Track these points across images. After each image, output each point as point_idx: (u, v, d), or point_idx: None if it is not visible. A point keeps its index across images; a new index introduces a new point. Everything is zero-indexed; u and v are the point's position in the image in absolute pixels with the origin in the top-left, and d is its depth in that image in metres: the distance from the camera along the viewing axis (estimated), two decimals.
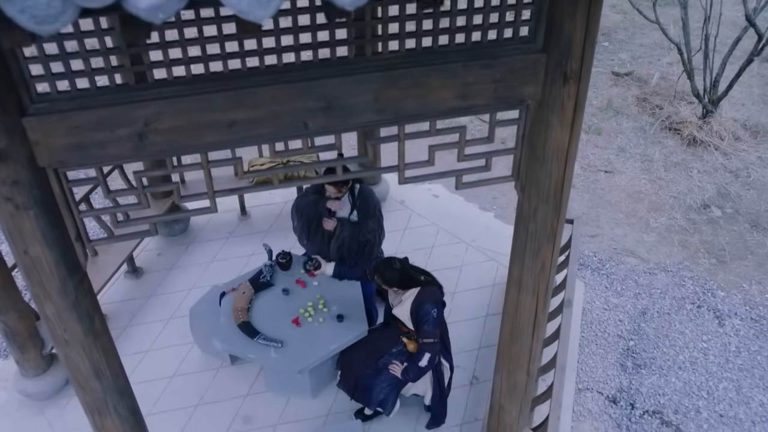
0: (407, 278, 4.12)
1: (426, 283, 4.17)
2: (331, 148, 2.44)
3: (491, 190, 7.34)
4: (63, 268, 2.35)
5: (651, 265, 6.42)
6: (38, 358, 4.62)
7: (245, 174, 2.37)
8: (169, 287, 5.68)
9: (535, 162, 2.65)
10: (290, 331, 4.38)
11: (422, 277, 4.18)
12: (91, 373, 2.68)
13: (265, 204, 6.52)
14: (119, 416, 2.90)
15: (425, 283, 4.16)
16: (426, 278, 4.20)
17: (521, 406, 3.56)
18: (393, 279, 4.09)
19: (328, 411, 4.68)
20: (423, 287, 4.13)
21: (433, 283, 4.21)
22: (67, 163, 2.19)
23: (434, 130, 2.49)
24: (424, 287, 4.14)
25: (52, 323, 2.49)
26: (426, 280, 4.18)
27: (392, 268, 4.09)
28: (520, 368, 3.35)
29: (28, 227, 2.21)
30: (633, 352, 5.56)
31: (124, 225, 2.39)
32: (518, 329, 3.19)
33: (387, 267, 4.12)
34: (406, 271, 4.13)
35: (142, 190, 2.31)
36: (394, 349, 4.36)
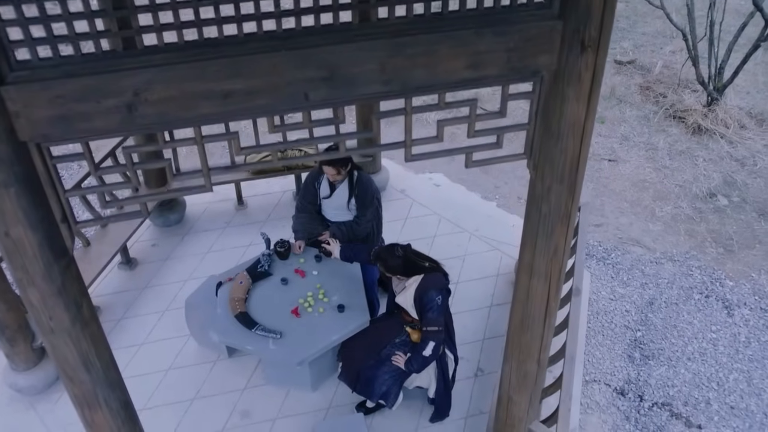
0: (411, 265, 3.97)
1: (430, 269, 4.02)
2: (332, 122, 2.28)
3: (494, 179, 7.20)
4: (47, 252, 2.20)
5: (657, 255, 6.28)
6: (28, 351, 4.47)
7: (242, 150, 2.21)
8: (164, 278, 5.52)
9: (550, 138, 2.50)
10: (289, 322, 4.23)
11: (426, 263, 4.04)
12: (79, 363, 2.53)
13: (262, 194, 6.36)
14: (110, 410, 2.75)
15: (429, 269, 4.02)
16: (430, 264, 4.05)
17: (531, 398, 3.42)
18: (396, 266, 3.95)
19: (329, 404, 4.54)
20: (427, 274, 3.99)
21: (437, 270, 4.06)
22: (51, 137, 2.03)
23: (443, 103, 2.33)
24: (428, 274, 3.99)
25: (36, 310, 2.34)
26: (430, 266, 4.04)
27: (394, 255, 3.95)
28: (531, 358, 3.21)
29: (9, 207, 2.05)
30: (641, 343, 5.42)
31: (113, 205, 2.23)
32: (529, 317, 3.04)
33: (389, 254, 3.97)
34: (410, 257, 3.98)
35: (131, 167, 2.16)
36: (397, 339, 4.22)
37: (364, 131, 2.31)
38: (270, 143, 2.28)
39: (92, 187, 2.20)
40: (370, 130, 2.30)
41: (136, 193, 2.19)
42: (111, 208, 2.25)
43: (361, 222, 4.65)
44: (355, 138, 2.37)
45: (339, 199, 4.65)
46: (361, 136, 2.36)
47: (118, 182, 2.19)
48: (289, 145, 2.31)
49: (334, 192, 4.65)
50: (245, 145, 2.23)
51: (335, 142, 2.30)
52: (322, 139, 2.34)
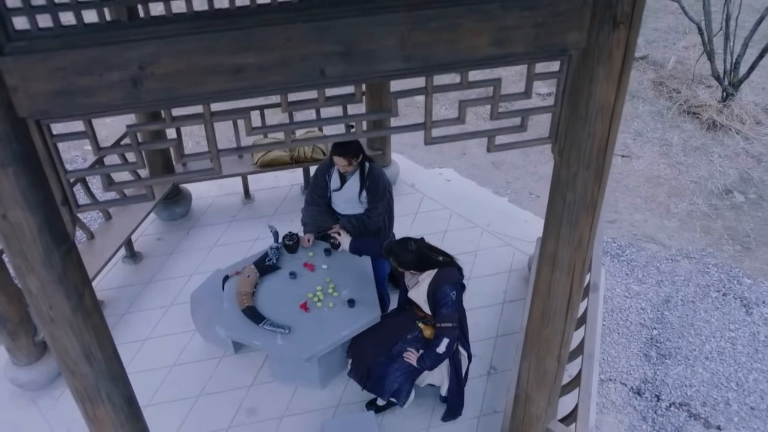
0: (424, 260, 3.84)
1: (444, 264, 3.89)
2: (348, 100, 2.16)
3: (505, 175, 7.06)
4: (47, 236, 2.08)
5: (673, 252, 6.14)
6: (30, 346, 4.36)
7: (254, 130, 2.09)
8: (169, 273, 5.41)
9: (577, 121, 2.37)
10: (298, 317, 4.10)
11: (440, 257, 3.90)
12: (80, 355, 2.41)
13: (269, 187, 6.25)
14: (113, 405, 2.63)
15: (443, 264, 3.89)
16: (444, 258, 3.92)
17: (550, 396, 3.29)
18: (409, 261, 3.82)
19: (338, 402, 4.42)
20: (441, 268, 3.86)
21: (451, 264, 3.93)
22: (51, 113, 1.91)
23: (466, 82, 2.20)
24: (441, 268, 3.86)
25: (35, 299, 2.22)
26: (444, 260, 3.91)
27: (408, 249, 3.81)
28: (551, 354, 3.07)
29: (7, 187, 1.93)
30: (657, 342, 5.28)
31: (116, 188, 2.11)
32: (550, 311, 2.91)
33: (402, 248, 3.84)
34: (423, 251, 3.85)
35: (136, 147, 2.03)
36: (409, 335, 4.09)
37: (382, 111, 2.18)
38: (284, 123, 2.15)
39: (95, 169, 2.07)
40: (388, 110, 2.17)
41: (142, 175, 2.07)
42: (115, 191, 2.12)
43: (372, 215, 4.53)
44: (373, 118, 2.23)
45: (350, 192, 4.53)
46: (380, 116, 2.23)
47: (125, 164, 2.07)
48: (302, 125, 2.18)
49: (345, 184, 4.53)
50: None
51: (351, 122, 2.17)
52: (337, 119, 2.21)
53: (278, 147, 2.14)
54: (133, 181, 2.12)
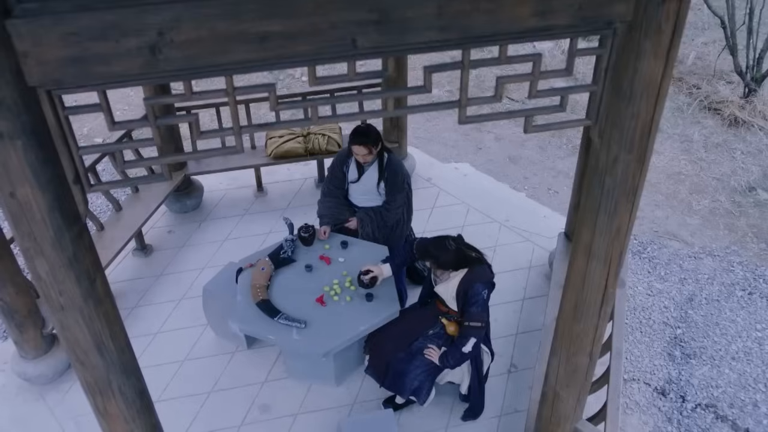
0: (462, 258, 3.70)
1: (476, 260, 3.75)
2: (379, 74, 2.02)
3: (522, 170, 6.91)
4: (58, 216, 1.95)
5: (696, 249, 5.98)
6: (38, 339, 4.24)
7: (278, 105, 1.95)
8: (181, 266, 5.28)
9: (620, 100, 2.22)
10: (314, 311, 3.97)
11: (473, 254, 3.77)
12: (91, 345, 2.28)
13: (283, 180, 6.12)
14: (124, 398, 2.50)
15: (476, 261, 3.75)
16: (476, 255, 3.78)
17: (579, 394, 3.14)
18: (448, 261, 3.68)
19: (354, 399, 4.28)
20: (473, 266, 3.72)
21: (482, 261, 3.79)
22: (63, 83, 1.78)
23: (504, 57, 2.06)
24: (474, 266, 3.72)
25: (45, 284, 2.09)
26: (476, 257, 3.77)
27: (447, 249, 3.66)
28: (582, 350, 2.93)
29: (16, 162, 1.81)
30: (681, 341, 5.12)
31: (133, 165, 1.98)
32: (583, 305, 2.76)
33: (441, 249, 3.68)
34: (461, 250, 3.71)
35: (153, 123, 1.90)
36: (431, 331, 3.95)
37: (416, 87, 2.04)
38: (310, 99, 2.01)
39: (108, 145, 1.94)
40: (422, 86, 2.03)
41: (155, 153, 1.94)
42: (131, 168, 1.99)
43: (390, 207, 4.39)
44: (405, 94, 2.09)
45: (368, 183, 4.39)
46: (412, 92, 2.08)
47: (140, 140, 1.93)
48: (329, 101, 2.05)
49: (363, 176, 4.39)
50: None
51: (384, 97, 2.03)
52: (368, 96, 2.07)
53: (303, 125, 2.00)
54: (148, 159, 1.99)
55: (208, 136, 1.96)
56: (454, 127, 7.61)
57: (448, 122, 7.69)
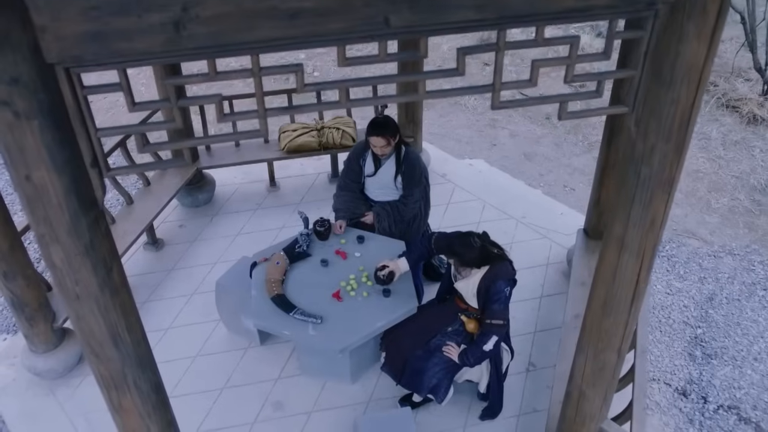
0: (486, 255, 3.61)
1: (499, 257, 3.66)
2: (410, 56, 1.93)
3: (538, 167, 6.81)
4: (75, 201, 1.87)
5: (715, 248, 5.86)
6: (48, 332, 4.17)
7: (305, 88, 1.86)
8: (192, 260, 5.21)
9: (659, 86, 2.13)
10: (330, 307, 3.88)
11: (496, 250, 3.68)
12: (107, 337, 2.20)
13: (295, 175, 6.03)
14: (140, 393, 2.42)
15: (498, 257, 3.66)
16: (498, 251, 3.69)
17: (606, 393, 3.04)
18: (473, 259, 3.58)
19: (369, 397, 4.19)
20: (495, 262, 3.63)
21: (504, 258, 3.70)
22: (83, 60, 1.69)
23: (542, 38, 1.97)
24: (496, 262, 3.63)
25: (60, 272, 2.01)
26: (498, 253, 3.68)
27: (472, 246, 3.56)
28: (611, 347, 2.83)
29: (32, 143, 1.72)
30: (702, 341, 5.01)
31: (152, 149, 1.89)
32: (613, 299, 2.67)
33: (466, 247, 3.58)
34: (486, 248, 3.61)
35: (175, 104, 1.81)
36: (449, 328, 3.86)
37: (449, 70, 1.95)
38: (340, 80, 1.92)
39: (128, 127, 1.86)
40: (455, 69, 1.94)
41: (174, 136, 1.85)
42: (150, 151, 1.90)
43: (408, 202, 4.30)
44: (437, 77, 2.00)
45: (385, 177, 4.30)
46: (445, 75, 1.99)
47: (159, 122, 1.85)
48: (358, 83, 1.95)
49: (380, 169, 4.30)
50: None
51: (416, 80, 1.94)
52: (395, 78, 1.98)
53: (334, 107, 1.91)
54: (170, 142, 1.90)
55: (232, 119, 1.88)
56: (468, 124, 7.51)
57: (461, 119, 7.59)
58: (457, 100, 7.83)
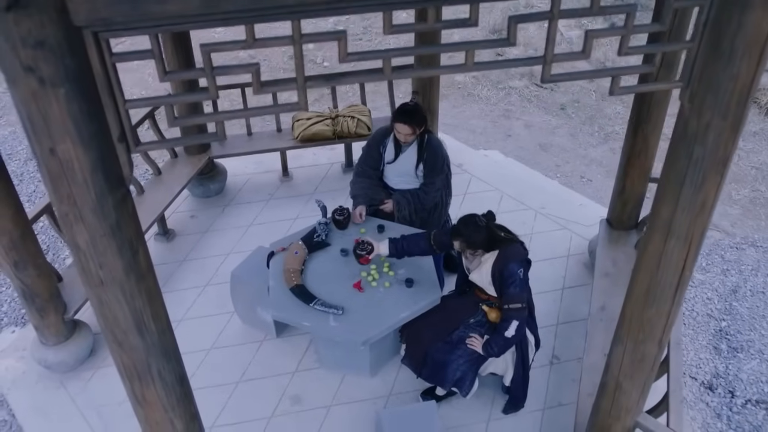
0: (493, 237, 3.49)
1: (507, 240, 3.54)
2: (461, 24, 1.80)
3: (554, 158, 6.68)
4: (101, 178, 1.74)
5: (737, 240, 5.74)
6: (59, 324, 4.05)
7: (347, 57, 1.74)
8: (204, 251, 5.09)
9: (717, 60, 2.00)
10: (351, 297, 3.76)
11: (502, 233, 3.56)
12: (131, 325, 2.08)
13: (308, 165, 5.91)
14: (164, 384, 2.30)
15: (507, 240, 3.54)
16: (506, 235, 3.57)
17: (644, 385, 2.92)
18: (480, 240, 3.46)
19: (389, 391, 4.08)
20: (504, 246, 3.51)
21: (514, 240, 3.58)
22: (112, 23, 1.57)
23: (597, 6, 1.84)
24: (505, 246, 3.51)
25: (83, 255, 1.89)
26: (506, 236, 3.56)
27: (477, 226, 3.45)
28: (652, 338, 2.71)
29: (57, 114, 1.60)
30: (727, 334, 4.89)
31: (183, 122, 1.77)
32: (657, 288, 2.54)
33: (471, 227, 3.47)
34: (492, 229, 3.50)
35: (210, 72, 1.69)
36: (472, 319, 3.74)
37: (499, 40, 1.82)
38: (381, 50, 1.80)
39: (158, 98, 1.73)
40: (506, 39, 1.82)
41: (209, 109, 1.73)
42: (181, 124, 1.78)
43: (429, 190, 4.17)
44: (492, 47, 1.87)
45: (405, 164, 4.18)
46: (496, 46, 1.86)
47: (194, 92, 1.73)
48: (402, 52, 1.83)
49: (400, 156, 4.18)
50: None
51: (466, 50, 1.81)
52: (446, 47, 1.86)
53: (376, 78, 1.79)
54: (203, 115, 1.78)
55: (270, 89, 1.75)
56: (481, 114, 7.38)
57: (475, 109, 7.46)
58: (470, 91, 7.70)
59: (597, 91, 7.67)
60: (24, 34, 1.47)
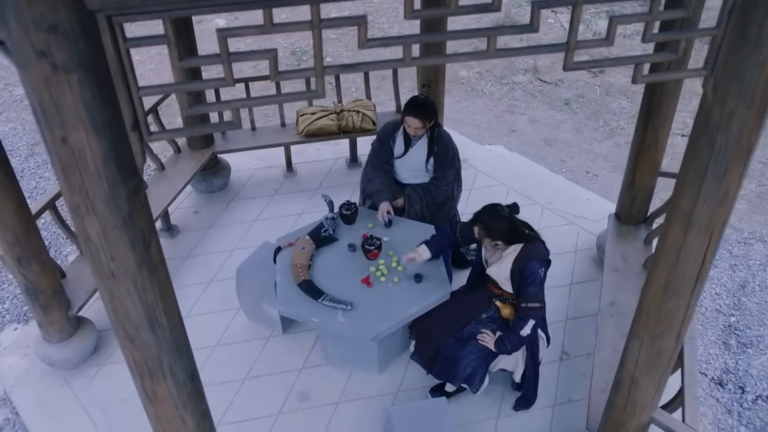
0: (514, 230, 3.44)
1: (530, 237, 3.50)
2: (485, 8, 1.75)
3: (559, 153, 6.63)
4: (114, 168, 1.69)
5: (745, 235, 5.70)
6: (63, 321, 4.00)
7: (368, 42, 1.69)
8: (209, 247, 5.04)
9: (744, 46, 1.95)
10: (360, 293, 3.71)
11: (526, 230, 3.51)
12: (143, 320, 2.03)
13: (312, 161, 5.86)
14: (175, 380, 2.25)
15: (529, 237, 3.49)
16: (530, 232, 3.52)
17: (660, 381, 2.88)
18: (499, 230, 3.41)
19: (398, 388, 4.03)
20: (527, 242, 3.46)
21: (536, 238, 3.53)
22: (126, 7, 1.52)
23: None
24: (528, 243, 3.47)
25: (94, 248, 1.83)
26: (530, 234, 3.51)
27: (499, 216, 3.40)
28: (670, 332, 2.66)
29: (71, 101, 1.55)
30: (736, 329, 4.85)
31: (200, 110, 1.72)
32: (676, 281, 2.50)
33: (493, 216, 3.42)
34: (514, 221, 3.45)
35: (227, 58, 1.64)
36: (483, 314, 3.69)
37: (522, 26, 1.77)
38: (402, 36, 1.75)
39: (173, 84, 1.68)
40: (529, 25, 1.77)
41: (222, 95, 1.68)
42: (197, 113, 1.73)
43: (440, 184, 4.12)
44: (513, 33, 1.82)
45: (415, 159, 4.13)
46: (520, 32, 1.81)
47: (212, 79, 1.68)
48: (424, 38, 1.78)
49: (410, 150, 4.12)
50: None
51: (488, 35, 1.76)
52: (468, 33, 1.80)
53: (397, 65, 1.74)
54: (218, 103, 1.73)
55: (288, 77, 1.70)
56: (485, 110, 7.33)
57: (479, 104, 7.41)
58: (474, 86, 7.65)
59: (601, 87, 7.62)
60: (37, 17, 1.42)
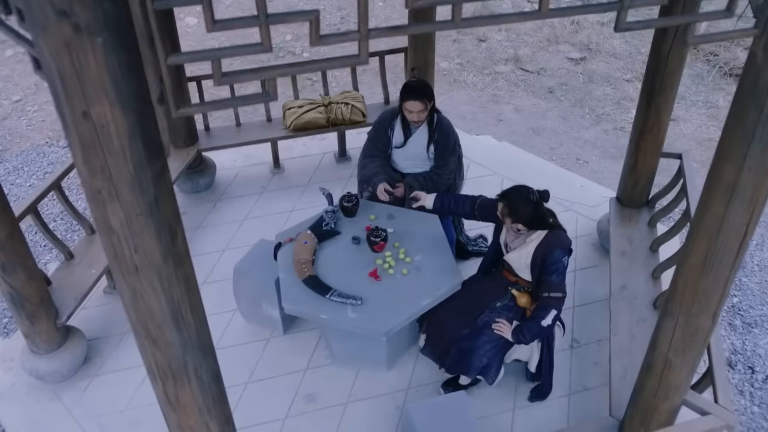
0: (539, 217, 3.32)
1: (552, 226, 3.39)
2: None
3: (547, 141, 6.56)
4: (140, 146, 1.52)
5: None
6: (51, 330, 3.77)
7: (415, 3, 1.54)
8: (198, 248, 4.82)
9: None
10: (368, 287, 3.56)
11: (551, 219, 3.40)
12: (168, 318, 1.85)
13: (300, 156, 5.68)
14: (200, 384, 2.07)
15: (553, 226, 3.38)
16: (553, 221, 3.41)
17: (694, 362, 2.78)
18: (524, 213, 3.27)
19: (408, 384, 3.89)
20: (551, 230, 3.35)
21: (559, 227, 3.43)
22: None
23: None
24: (551, 230, 3.36)
25: (117, 239, 1.65)
26: (554, 223, 3.40)
27: (527, 199, 3.27)
28: (707, 310, 2.56)
29: (93, 68, 1.37)
30: (740, 310, 4.82)
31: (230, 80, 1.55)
32: (717, 255, 2.40)
33: (520, 197, 3.29)
34: (540, 207, 3.32)
35: (265, 20, 1.47)
36: (498, 303, 3.57)
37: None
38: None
39: (204, 51, 1.51)
40: None
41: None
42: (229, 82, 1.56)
43: (442, 172, 3.99)
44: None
45: (415, 147, 3.99)
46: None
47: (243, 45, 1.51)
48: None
49: (410, 139, 3.98)
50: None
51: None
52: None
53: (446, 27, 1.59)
54: (252, 70, 1.56)
55: (329, 41, 1.54)
56: (469, 100, 7.23)
57: (463, 95, 7.30)
58: (456, 78, 7.54)
59: (584, 74, 7.57)
60: None
